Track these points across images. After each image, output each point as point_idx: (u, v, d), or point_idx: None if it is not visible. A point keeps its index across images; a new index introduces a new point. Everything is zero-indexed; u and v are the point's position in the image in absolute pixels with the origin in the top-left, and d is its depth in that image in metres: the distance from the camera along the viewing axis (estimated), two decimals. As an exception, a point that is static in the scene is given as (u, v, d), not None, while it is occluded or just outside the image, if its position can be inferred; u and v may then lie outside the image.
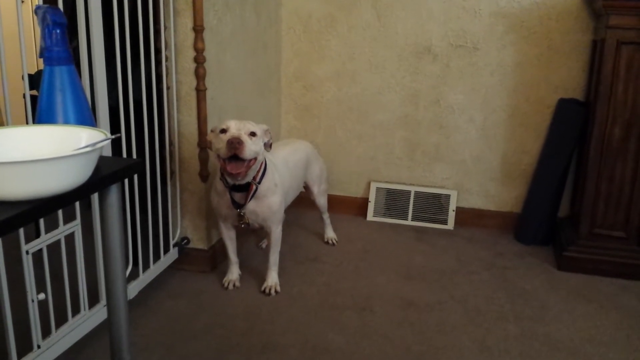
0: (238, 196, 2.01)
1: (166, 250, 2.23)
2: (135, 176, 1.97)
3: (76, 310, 1.75)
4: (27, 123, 1.48)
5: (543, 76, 2.64)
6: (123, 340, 1.18)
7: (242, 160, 1.84)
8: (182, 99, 2.16)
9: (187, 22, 2.07)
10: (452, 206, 2.86)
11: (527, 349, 1.85)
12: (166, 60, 2.08)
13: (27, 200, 0.83)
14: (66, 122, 1.09)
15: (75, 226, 1.68)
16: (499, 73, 2.68)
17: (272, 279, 2.20)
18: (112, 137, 0.98)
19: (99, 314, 1.82)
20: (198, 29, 2.06)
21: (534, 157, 2.73)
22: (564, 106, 2.58)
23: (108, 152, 1.75)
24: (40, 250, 1.56)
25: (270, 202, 2.06)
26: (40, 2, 1.51)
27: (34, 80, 1.94)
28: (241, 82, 2.48)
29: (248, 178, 1.95)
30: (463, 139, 2.81)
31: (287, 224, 2.65)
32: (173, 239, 2.27)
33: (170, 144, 2.17)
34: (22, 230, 1.46)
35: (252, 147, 1.85)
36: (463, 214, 2.87)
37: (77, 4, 1.60)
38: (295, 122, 3.02)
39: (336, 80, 2.90)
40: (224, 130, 1.87)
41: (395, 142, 2.90)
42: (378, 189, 2.96)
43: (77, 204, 1.67)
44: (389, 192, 2.95)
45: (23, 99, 1.48)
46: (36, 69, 2.36)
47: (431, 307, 2.09)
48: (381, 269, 2.39)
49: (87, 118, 1.12)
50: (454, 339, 1.89)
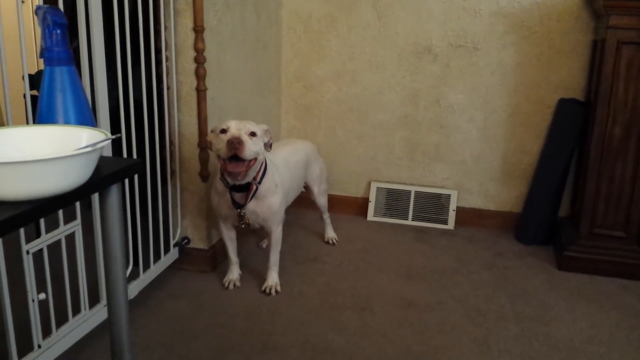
0: (238, 196, 2.01)
1: (166, 250, 2.23)
2: (136, 176, 1.97)
3: (76, 310, 1.75)
4: (28, 123, 1.48)
5: (543, 76, 2.64)
6: (123, 340, 1.18)
7: (242, 160, 1.85)
8: (183, 99, 2.16)
9: (187, 22, 2.07)
10: (453, 206, 2.86)
11: (528, 348, 1.85)
12: (166, 61, 2.08)
13: (27, 200, 0.83)
14: (66, 122, 1.09)
15: (76, 226, 1.68)
16: (499, 73, 2.69)
17: (273, 278, 2.20)
18: (113, 137, 0.98)
19: (99, 313, 1.82)
20: (198, 29, 2.06)
21: (534, 156, 2.74)
22: (564, 106, 2.58)
23: (108, 152, 1.75)
24: (41, 250, 1.57)
25: (270, 202, 2.06)
26: (41, 3, 1.51)
27: (35, 80, 1.94)
28: (241, 82, 2.48)
29: (248, 178, 1.95)
30: (463, 139, 2.81)
31: (288, 224, 2.65)
32: (173, 238, 2.27)
33: (171, 144, 2.17)
34: (22, 230, 1.46)
35: (252, 147, 1.85)
36: (463, 214, 2.87)
37: (77, 4, 1.60)
38: (295, 122, 3.02)
39: (336, 80, 2.90)
40: (224, 131, 1.87)
41: (395, 142, 2.91)
42: (378, 188, 2.96)
43: (78, 204, 1.67)
44: (389, 192, 2.95)
45: (23, 99, 1.49)
46: (36, 69, 2.36)
47: (431, 307, 2.09)
48: (381, 268, 2.39)
49: (88, 118, 1.12)
50: (454, 339, 1.89)
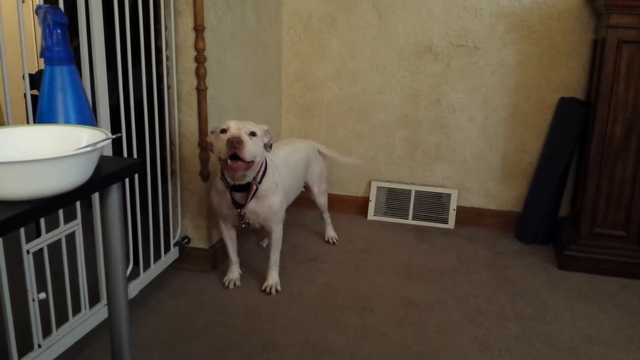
0: (238, 196, 2.01)
1: (167, 249, 2.23)
2: (136, 176, 1.97)
3: (77, 309, 1.75)
4: (28, 123, 1.48)
5: (544, 75, 2.64)
6: (124, 339, 1.18)
7: (242, 160, 1.84)
8: (183, 99, 2.16)
9: (187, 21, 2.07)
10: (453, 205, 2.86)
11: (528, 348, 1.85)
12: (167, 60, 2.08)
13: (27, 200, 0.83)
14: (67, 121, 1.09)
15: (76, 226, 1.68)
16: (499, 72, 2.68)
17: (273, 278, 2.20)
18: (113, 136, 0.98)
19: (99, 313, 1.82)
20: (199, 29, 2.06)
21: (535, 156, 2.73)
22: (564, 105, 2.58)
23: (109, 152, 1.75)
24: (41, 249, 1.57)
25: (270, 202, 2.06)
26: (41, 2, 1.51)
27: (35, 80, 1.94)
28: (242, 82, 2.48)
29: (248, 178, 1.95)
30: (464, 138, 2.81)
31: (288, 224, 2.65)
32: (174, 238, 2.27)
33: (171, 143, 2.17)
34: (22, 230, 1.46)
35: (251, 147, 1.84)
36: (464, 213, 2.87)
37: (77, 3, 1.60)
38: (295, 121, 3.02)
39: (337, 80, 2.90)
40: (224, 131, 1.86)
41: (396, 142, 2.90)
42: (379, 188, 2.96)
43: (78, 203, 1.67)
44: (390, 191, 2.95)
45: (24, 99, 1.49)
46: (37, 69, 2.36)
47: (431, 307, 2.09)
48: (381, 268, 2.39)
49: (88, 118, 1.12)
50: (454, 339, 1.89)
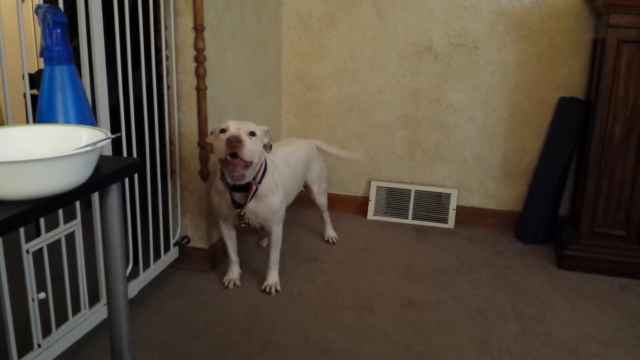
0: (238, 196, 2.01)
1: (166, 249, 2.23)
2: (136, 175, 1.97)
3: (76, 309, 1.75)
4: (28, 122, 1.48)
5: (544, 75, 2.64)
6: (123, 339, 1.18)
7: (241, 159, 1.84)
8: (183, 98, 2.16)
9: (187, 21, 2.07)
10: (453, 205, 2.86)
11: (528, 347, 1.85)
12: (166, 60, 2.08)
13: (27, 200, 0.83)
14: (66, 121, 1.09)
15: (76, 225, 1.68)
16: (499, 72, 2.68)
17: (273, 278, 2.20)
18: (113, 136, 0.98)
19: (99, 313, 1.82)
20: (198, 29, 2.06)
21: (535, 156, 2.73)
22: (564, 105, 2.58)
23: (108, 152, 1.75)
24: (41, 249, 1.57)
25: (270, 202, 2.06)
26: (41, 2, 1.51)
27: (35, 79, 1.94)
28: (241, 82, 2.48)
29: (248, 178, 1.95)
30: (464, 138, 2.81)
31: (288, 223, 2.65)
32: (173, 238, 2.27)
33: (171, 143, 2.17)
34: (22, 230, 1.46)
35: (250, 147, 1.84)
36: (463, 213, 2.87)
37: (77, 3, 1.60)
38: (295, 121, 3.02)
39: (337, 80, 2.90)
40: (223, 130, 1.86)
41: (395, 141, 2.90)
42: (378, 187, 2.96)
43: (78, 203, 1.67)
44: (390, 190, 2.95)
45: (23, 99, 1.49)
46: (36, 68, 2.36)
47: (431, 306, 2.09)
48: (381, 268, 2.39)
49: (88, 117, 1.12)
50: (454, 338, 1.89)
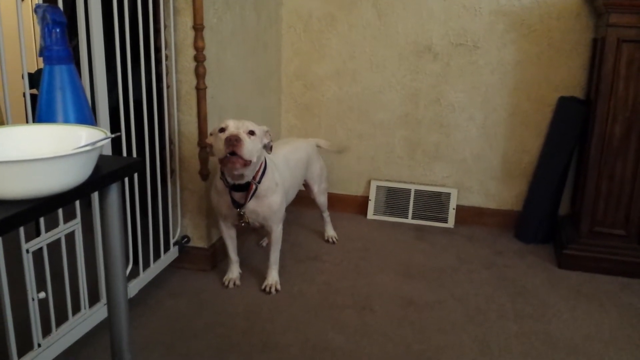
0: (238, 196, 2.01)
1: (166, 248, 2.23)
2: (136, 175, 1.97)
3: (76, 309, 1.75)
4: (27, 122, 1.48)
5: (543, 74, 2.64)
6: (123, 339, 1.18)
7: (240, 158, 1.84)
8: (182, 98, 2.16)
9: (187, 20, 2.07)
10: (453, 204, 2.86)
11: (528, 347, 1.85)
12: (166, 59, 2.08)
13: (27, 199, 0.83)
14: (66, 121, 1.08)
15: (76, 225, 1.68)
16: (499, 71, 2.68)
17: (273, 277, 2.20)
18: (112, 136, 0.98)
19: (99, 312, 1.82)
20: (198, 28, 2.05)
21: (535, 155, 2.73)
22: (564, 104, 2.58)
23: (108, 151, 1.75)
24: (41, 249, 1.57)
25: (270, 201, 2.06)
26: (40, 1, 1.51)
27: (34, 79, 1.94)
28: (241, 81, 2.48)
29: (247, 178, 1.95)
30: (463, 138, 2.81)
31: (288, 223, 2.65)
32: (173, 237, 2.27)
33: (171, 142, 2.17)
34: (22, 229, 1.46)
35: (249, 146, 1.83)
36: (463, 212, 2.87)
37: (77, 3, 1.60)
38: (295, 121, 3.02)
39: (336, 79, 2.90)
40: (222, 130, 1.86)
41: (395, 141, 2.90)
42: (378, 187, 2.96)
43: (77, 202, 1.67)
44: (390, 190, 2.95)
45: (23, 98, 1.49)
46: (36, 68, 2.36)
47: (431, 306, 2.09)
48: (381, 267, 2.39)
49: (87, 117, 1.12)
50: (454, 338, 1.89)
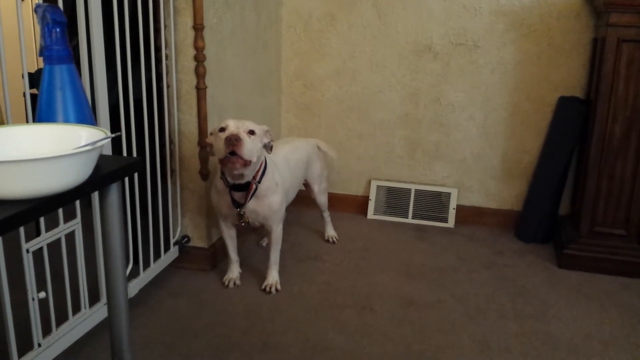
0: (238, 195, 2.01)
1: (166, 248, 2.23)
2: (136, 175, 1.97)
3: (77, 308, 1.75)
4: (27, 122, 1.48)
5: (543, 74, 2.64)
6: (123, 338, 1.18)
7: (240, 157, 1.84)
8: (182, 98, 2.16)
9: (187, 20, 2.07)
10: (453, 204, 2.86)
11: (528, 347, 1.85)
12: (166, 59, 2.08)
13: (27, 199, 0.83)
14: (66, 120, 1.08)
15: (76, 225, 1.68)
16: (499, 71, 2.68)
17: (273, 277, 2.20)
18: (112, 135, 0.98)
19: (99, 312, 1.82)
20: (198, 28, 2.05)
21: (535, 155, 2.73)
22: (564, 104, 2.58)
23: (108, 151, 1.75)
24: (41, 248, 1.57)
25: (270, 201, 2.06)
26: (40, 1, 1.51)
27: (34, 78, 1.94)
28: (241, 81, 2.48)
29: (247, 177, 1.95)
30: (463, 137, 2.81)
31: (288, 223, 2.65)
32: (173, 237, 2.27)
33: (171, 142, 2.17)
34: (22, 229, 1.46)
35: (249, 146, 1.83)
36: (463, 212, 2.87)
37: (77, 2, 1.60)
38: (295, 120, 3.02)
39: (336, 79, 2.90)
40: (222, 129, 1.86)
41: (395, 141, 2.90)
42: (378, 187, 2.96)
43: (78, 202, 1.67)
44: (390, 190, 2.95)
45: (23, 98, 1.48)
46: (36, 68, 2.36)
47: (431, 306, 2.09)
48: (381, 267, 2.39)
49: (87, 117, 1.12)
50: (454, 338, 1.89)
